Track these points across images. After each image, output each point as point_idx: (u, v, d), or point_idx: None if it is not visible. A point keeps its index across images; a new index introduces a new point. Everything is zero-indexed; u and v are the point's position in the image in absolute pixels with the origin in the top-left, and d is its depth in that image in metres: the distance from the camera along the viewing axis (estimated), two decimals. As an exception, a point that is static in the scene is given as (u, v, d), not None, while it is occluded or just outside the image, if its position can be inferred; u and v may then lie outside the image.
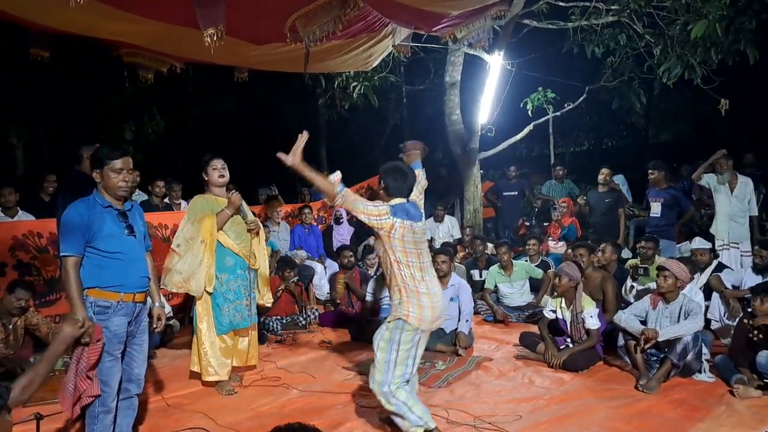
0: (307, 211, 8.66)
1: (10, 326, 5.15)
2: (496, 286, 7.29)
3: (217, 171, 4.81)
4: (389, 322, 3.62)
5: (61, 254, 3.27)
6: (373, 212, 3.53)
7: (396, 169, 3.76)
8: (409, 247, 3.61)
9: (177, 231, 4.88)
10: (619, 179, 9.60)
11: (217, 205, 4.82)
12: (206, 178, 4.86)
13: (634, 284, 6.24)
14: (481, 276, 7.75)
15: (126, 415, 3.59)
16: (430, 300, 3.62)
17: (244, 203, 5.03)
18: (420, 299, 3.58)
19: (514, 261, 7.39)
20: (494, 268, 7.36)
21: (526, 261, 7.67)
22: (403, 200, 3.71)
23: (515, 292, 7.24)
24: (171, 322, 6.41)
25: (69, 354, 4.93)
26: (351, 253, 7.40)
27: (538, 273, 7.39)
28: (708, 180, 7.28)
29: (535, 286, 7.42)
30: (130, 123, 13.05)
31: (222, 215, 4.71)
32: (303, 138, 3.56)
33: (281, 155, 3.53)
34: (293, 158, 3.54)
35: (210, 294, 4.78)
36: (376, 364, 3.61)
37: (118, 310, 3.35)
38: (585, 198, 8.81)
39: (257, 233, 5.02)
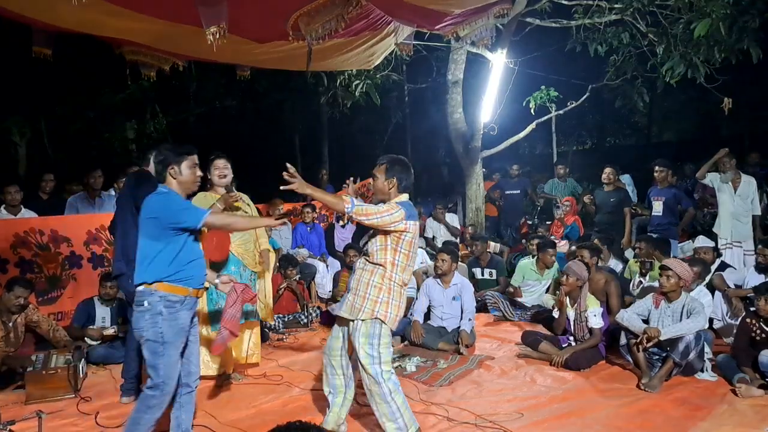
0: (307, 210, 8.64)
1: (11, 324, 5.15)
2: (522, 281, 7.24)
3: (218, 170, 4.86)
4: (363, 320, 3.49)
5: (205, 216, 3.34)
6: (388, 221, 3.42)
7: (404, 163, 3.59)
8: (412, 250, 3.56)
9: None
10: (626, 179, 9.60)
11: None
12: (209, 176, 4.89)
13: (642, 279, 6.25)
14: (482, 274, 7.74)
15: (189, 409, 3.64)
16: (404, 302, 3.62)
17: (247, 200, 5.06)
18: (400, 301, 3.56)
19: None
20: (528, 261, 7.23)
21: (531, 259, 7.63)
22: (406, 197, 3.61)
23: (538, 289, 7.13)
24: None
25: (73, 350, 4.98)
26: (356, 253, 7.39)
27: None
28: (711, 179, 7.26)
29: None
30: (133, 121, 13.05)
31: None
32: (291, 169, 3.41)
33: (289, 177, 3.38)
34: (299, 185, 3.38)
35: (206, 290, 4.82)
36: (363, 357, 3.49)
37: (185, 305, 3.40)
38: (592, 197, 8.75)
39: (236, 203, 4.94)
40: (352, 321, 3.54)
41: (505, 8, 6.64)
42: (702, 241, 6.49)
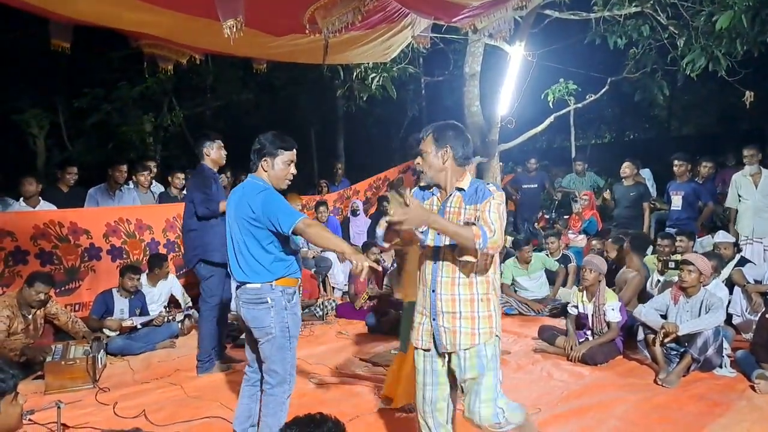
0: (322, 209, 8.62)
1: (30, 316, 5.22)
2: (513, 280, 7.23)
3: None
4: (485, 344, 2.79)
5: (297, 222, 3.11)
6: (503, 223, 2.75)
7: (456, 127, 2.87)
8: None
9: None
10: (646, 173, 9.50)
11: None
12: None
13: (661, 279, 6.18)
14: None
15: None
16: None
17: None
18: (498, 306, 2.93)
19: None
20: (510, 261, 7.29)
21: (548, 255, 7.60)
22: (468, 178, 2.86)
23: (534, 284, 7.18)
24: (190, 312, 6.46)
25: (92, 341, 5.03)
26: (378, 249, 7.37)
27: (554, 265, 7.34)
28: (735, 177, 7.17)
29: (550, 278, 7.37)
30: (150, 114, 13.12)
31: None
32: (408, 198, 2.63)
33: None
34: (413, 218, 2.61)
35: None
36: (486, 390, 2.81)
37: (296, 296, 3.43)
38: (611, 193, 8.63)
39: None
40: (455, 352, 2.83)
41: (524, 0, 6.56)
42: (722, 236, 6.41)
